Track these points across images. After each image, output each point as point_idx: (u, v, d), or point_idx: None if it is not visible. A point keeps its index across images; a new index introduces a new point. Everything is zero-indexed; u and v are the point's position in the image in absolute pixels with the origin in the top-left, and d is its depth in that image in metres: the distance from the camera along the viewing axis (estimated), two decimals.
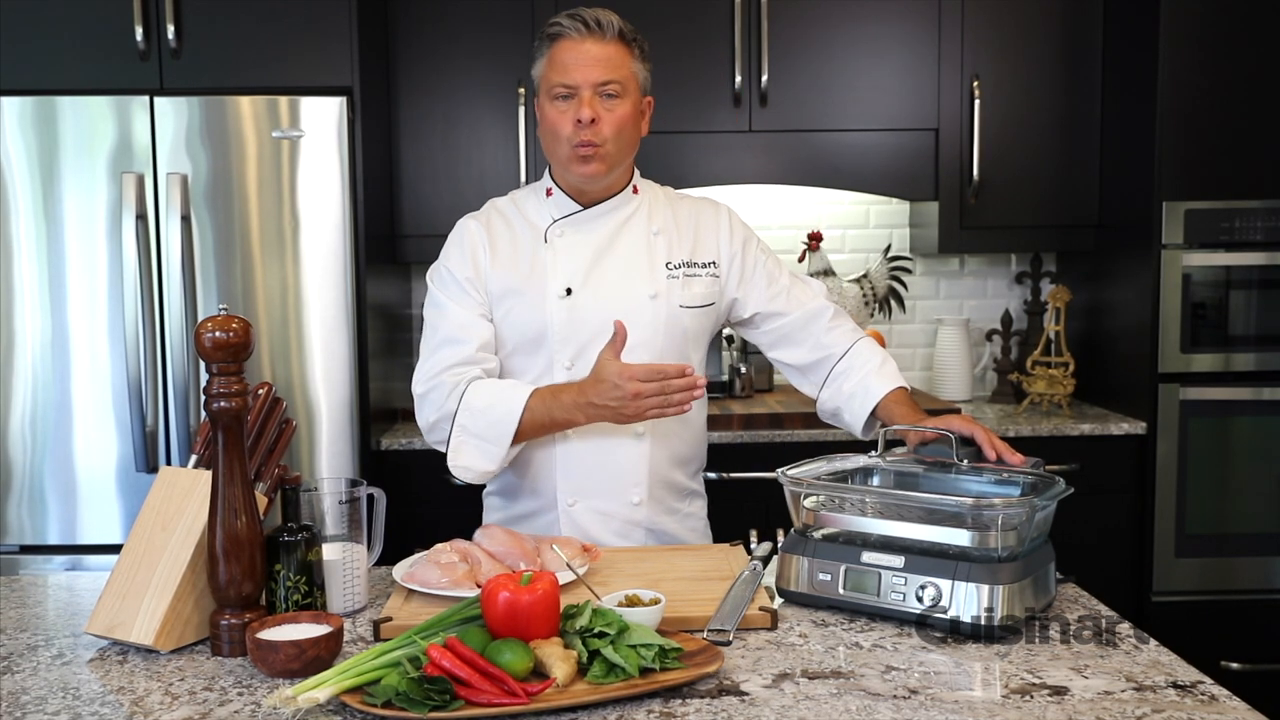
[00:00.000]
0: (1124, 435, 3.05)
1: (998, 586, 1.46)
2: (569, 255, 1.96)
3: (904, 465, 1.76)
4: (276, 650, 1.35)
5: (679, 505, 2.05)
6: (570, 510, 1.96)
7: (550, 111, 1.90)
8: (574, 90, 1.87)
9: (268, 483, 1.59)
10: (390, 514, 1.77)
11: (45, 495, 2.85)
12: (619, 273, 1.96)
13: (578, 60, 1.87)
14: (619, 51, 1.90)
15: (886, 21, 3.23)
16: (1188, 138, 2.99)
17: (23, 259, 2.82)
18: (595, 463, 1.95)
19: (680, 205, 2.07)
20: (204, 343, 1.45)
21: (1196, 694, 1.30)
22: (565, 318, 1.93)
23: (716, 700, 1.29)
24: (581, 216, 1.98)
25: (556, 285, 1.94)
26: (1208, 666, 1.50)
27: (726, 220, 2.07)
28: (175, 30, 2.83)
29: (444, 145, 3.23)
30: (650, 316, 1.95)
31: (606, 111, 1.88)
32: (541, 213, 2.00)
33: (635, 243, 1.99)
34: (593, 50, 1.87)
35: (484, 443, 1.86)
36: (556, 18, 1.91)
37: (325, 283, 2.85)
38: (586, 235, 1.97)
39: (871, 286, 3.38)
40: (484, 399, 1.87)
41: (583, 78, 1.87)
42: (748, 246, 2.06)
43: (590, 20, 1.88)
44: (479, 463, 1.87)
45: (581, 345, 1.93)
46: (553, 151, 1.94)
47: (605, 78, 1.87)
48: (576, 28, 1.88)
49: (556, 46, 1.89)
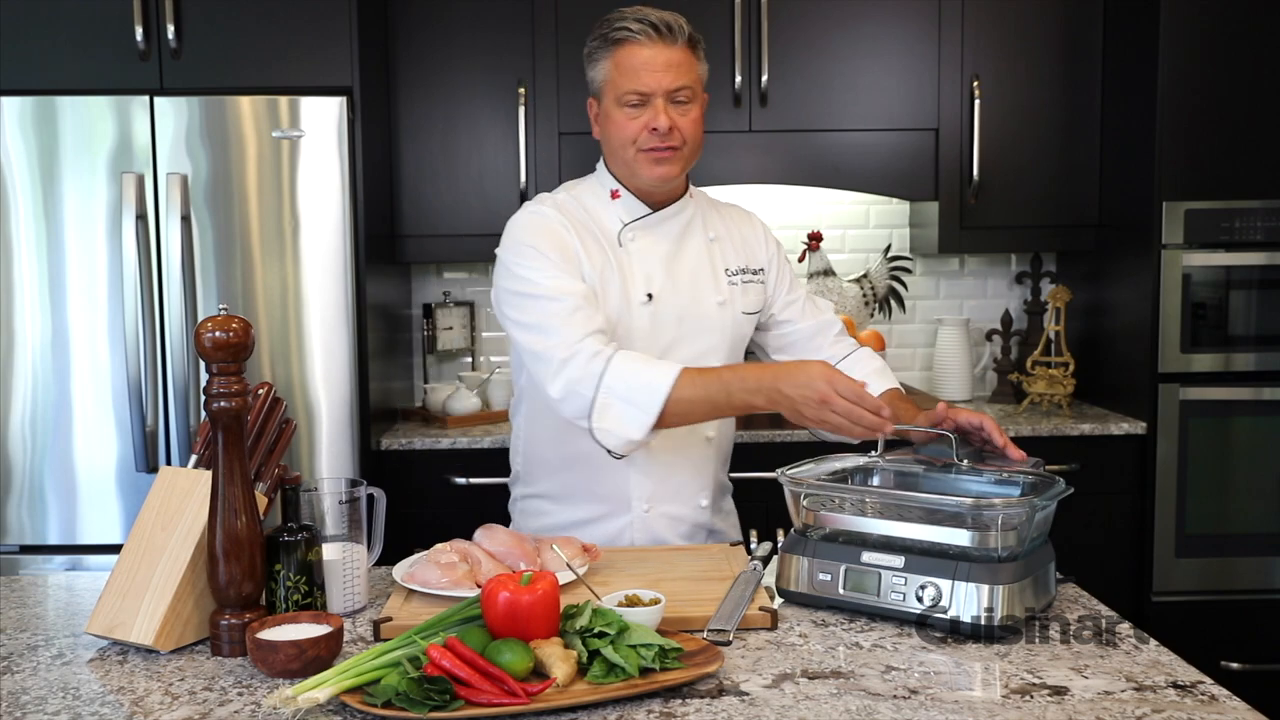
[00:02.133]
0: (1124, 435, 3.05)
1: (998, 586, 1.46)
2: (644, 259, 1.93)
3: (904, 465, 1.76)
4: (276, 650, 1.35)
5: (724, 503, 2.08)
6: (645, 515, 1.95)
7: (619, 117, 1.86)
8: (647, 98, 1.84)
9: (268, 483, 1.59)
10: (390, 514, 1.77)
11: (45, 495, 2.85)
12: (689, 278, 1.95)
13: (649, 66, 1.83)
14: (687, 55, 1.87)
15: (886, 21, 3.23)
16: (1188, 138, 2.99)
17: (23, 259, 2.82)
18: (670, 467, 1.94)
19: (723, 212, 2.07)
20: (204, 343, 1.45)
21: (1196, 694, 1.30)
22: (647, 324, 1.90)
23: (716, 700, 1.29)
24: (651, 220, 1.94)
25: (637, 290, 1.90)
26: (1208, 666, 1.50)
27: (763, 228, 2.11)
28: (175, 30, 2.83)
29: (444, 145, 3.23)
30: (719, 323, 1.96)
31: (680, 116, 1.85)
32: (609, 214, 1.95)
33: (698, 248, 1.98)
34: (664, 56, 1.84)
35: (631, 408, 1.74)
36: (620, 20, 1.86)
37: (325, 283, 2.85)
38: (656, 239, 1.94)
39: (871, 286, 3.38)
40: (634, 364, 1.76)
41: (656, 85, 1.83)
42: (780, 255, 2.09)
43: (660, 25, 1.84)
44: (623, 429, 1.75)
45: (662, 350, 1.90)
46: (620, 155, 1.90)
47: (678, 84, 1.84)
48: (646, 32, 1.83)
49: (623, 51, 1.85)
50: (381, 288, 3.10)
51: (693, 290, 1.95)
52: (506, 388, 3.30)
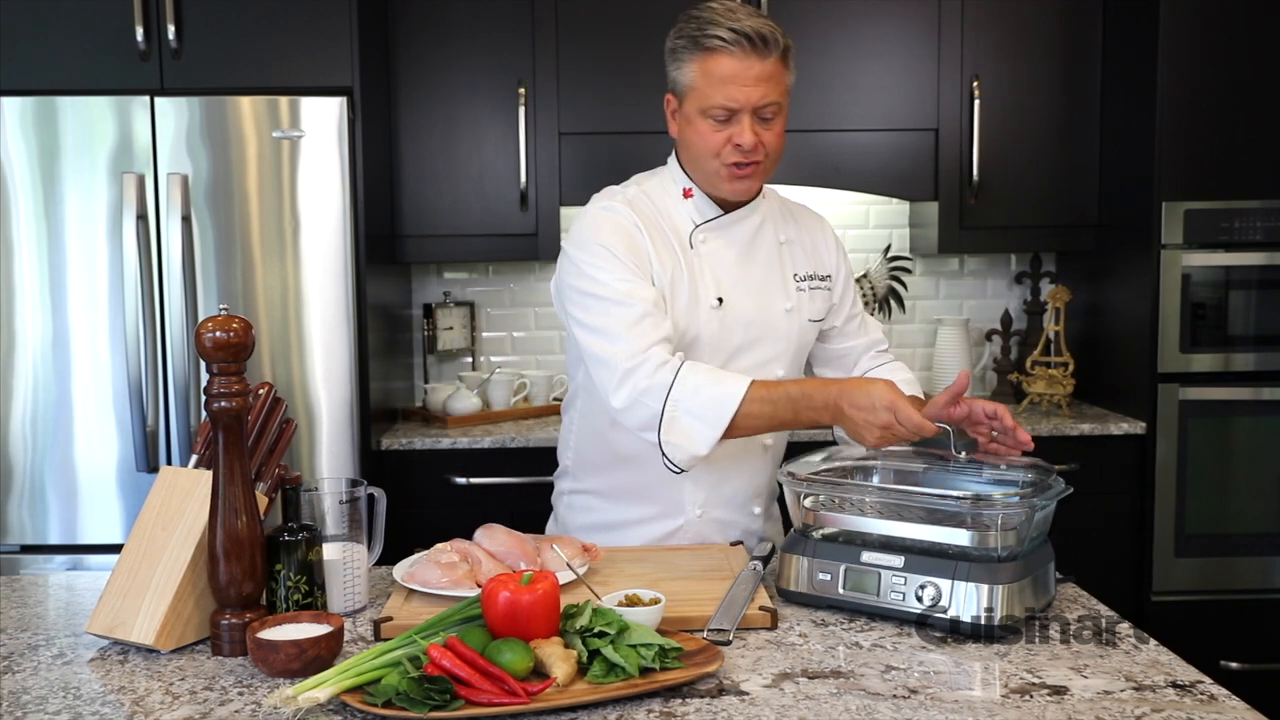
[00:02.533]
0: (1124, 435, 3.05)
1: (997, 586, 1.46)
2: (715, 262, 1.88)
3: (904, 464, 1.76)
4: (277, 650, 1.35)
5: (774, 509, 2.06)
6: (698, 520, 1.93)
7: (702, 127, 1.79)
8: (735, 113, 1.77)
9: (268, 483, 1.59)
10: (390, 514, 1.77)
11: (46, 495, 2.85)
12: (759, 283, 1.91)
13: (739, 80, 1.74)
14: (778, 68, 1.77)
15: (886, 21, 3.23)
16: (1188, 138, 2.99)
17: (23, 259, 2.82)
18: (726, 473, 1.92)
19: (795, 214, 2.02)
20: (204, 343, 1.45)
21: (1196, 693, 1.31)
22: (716, 328, 1.87)
23: (716, 700, 1.29)
24: (723, 221, 1.89)
25: (707, 294, 1.86)
26: (1207, 666, 1.49)
27: (832, 233, 2.06)
28: (176, 30, 2.83)
29: (444, 145, 3.23)
30: (786, 330, 1.93)
31: (765, 132, 1.79)
32: (681, 213, 1.89)
33: (769, 252, 1.93)
34: (755, 69, 1.75)
35: (699, 422, 1.70)
36: (713, 25, 1.76)
37: (325, 283, 2.85)
38: (728, 242, 1.90)
39: (871, 286, 3.38)
40: (703, 377, 1.72)
41: (745, 100, 1.75)
42: (847, 264, 2.05)
43: (755, 36, 1.74)
44: (690, 444, 1.70)
45: (728, 355, 1.88)
46: (699, 165, 1.84)
47: (767, 100, 1.77)
48: (740, 44, 1.73)
49: (713, 60, 1.75)
50: (381, 288, 3.10)
51: (762, 296, 1.90)
52: (506, 388, 3.31)
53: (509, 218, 3.23)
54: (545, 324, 3.62)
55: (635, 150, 3.19)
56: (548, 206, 3.21)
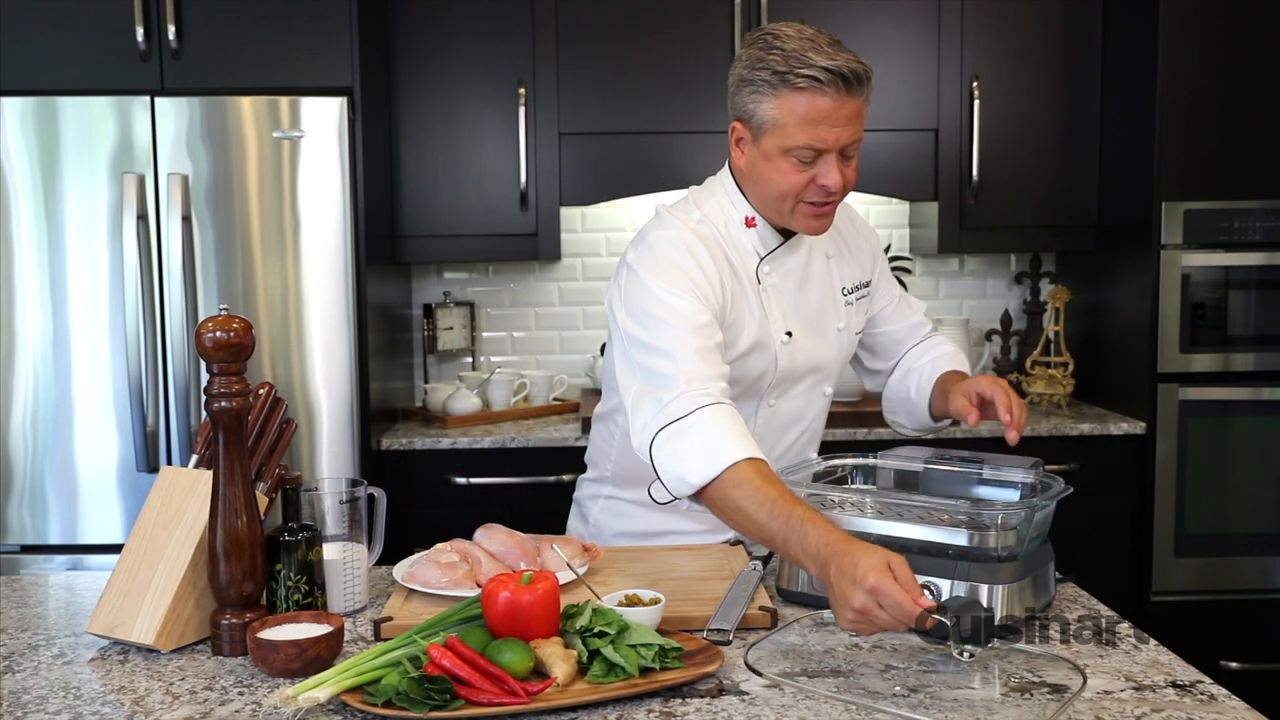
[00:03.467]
0: (1123, 435, 3.05)
1: (997, 586, 1.46)
2: (779, 295, 1.84)
3: (904, 464, 1.76)
4: (277, 650, 1.35)
5: None
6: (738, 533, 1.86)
7: (784, 166, 1.69)
8: (821, 153, 1.68)
9: (268, 483, 1.59)
10: (390, 514, 1.77)
11: (46, 495, 2.85)
12: (816, 308, 1.88)
13: (830, 121, 1.65)
14: (862, 106, 1.69)
15: (886, 22, 3.23)
16: (1188, 138, 2.99)
17: (23, 259, 2.82)
18: None
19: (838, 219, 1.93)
20: (204, 343, 1.45)
21: (1196, 693, 1.31)
22: (788, 362, 1.84)
23: (716, 700, 1.29)
24: (783, 250, 1.84)
25: (778, 329, 1.82)
26: (1207, 666, 1.50)
27: (867, 228, 2.01)
28: (176, 30, 2.83)
29: (444, 145, 3.23)
30: (838, 348, 1.91)
31: (846, 168, 1.71)
32: (746, 244, 1.81)
33: (821, 272, 1.89)
34: (846, 110, 1.66)
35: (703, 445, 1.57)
36: (804, 64, 1.64)
37: (325, 283, 2.85)
38: (788, 270, 1.85)
39: None
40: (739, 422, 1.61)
41: (835, 141, 1.67)
42: (882, 255, 2.03)
43: (850, 76, 1.64)
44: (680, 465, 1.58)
45: (789, 385, 1.87)
46: (772, 202, 1.75)
47: (853, 139, 1.69)
48: (835, 84, 1.64)
49: (804, 99, 1.64)
50: (381, 288, 3.10)
51: (819, 320, 1.88)
52: (507, 388, 3.31)
53: (509, 218, 3.23)
54: (545, 324, 3.62)
55: (635, 150, 3.20)
56: (548, 206, 3.21)
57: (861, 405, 3.14)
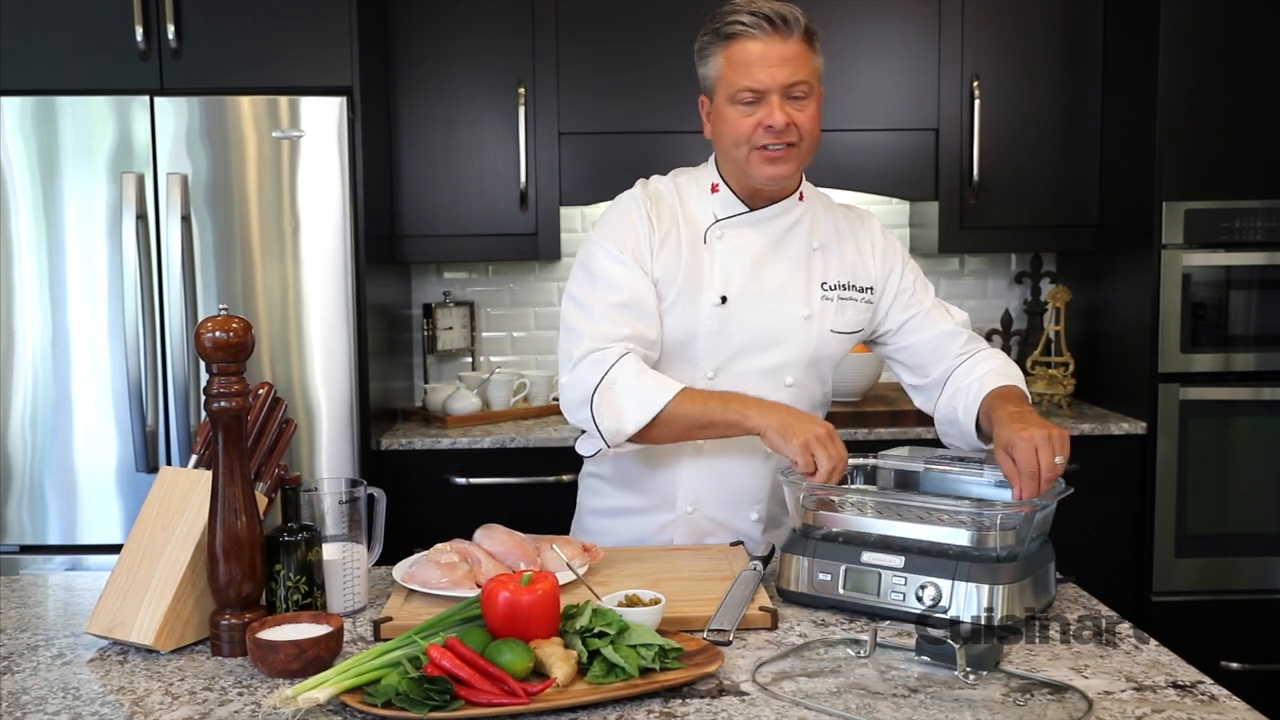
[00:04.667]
0: (1124, 435, 3.05)
1: (998, 586, 1.46)
2: (727, 260, 1.86)
3: (904, 464, 1.76)
4: (276, 650, 1.35)
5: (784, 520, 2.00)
6: (689, 516, 1.92)
7: (731, 115, 1.79)
8: (761, 95, 1.76)
9: (268, 483, 1.59)
10: (390, 514, 1.77)
11: (45, 495, 2.85)
12: (776, 286, 1.87)
13: (764, 62, 1.75)
14: (802, 48, 1.78)
15: (886, 21, 3.23)
16: (1188, 138, 2.99)
17: (23, 259, 2.82)
18: (722, 474, 1.91)
19: (841, 218, 1.97)
20: (204, 343, 1.45)
21: (1196, 694, 1.30)
22: (717, 326, 1.85)
23: (716, 700, 1.29)
24: (746, 219, 1.88)
25: (712, 291, 1.85)
26: (1207, 666, 1.49)
27: (883, 239, 1.98)
28: (175, 30, 2.83)
29: (444, 145, 3.23)
30: (801, 338, 1.88)
31: (796, 112, 1.77)
32: (704, 208, 1.89)
33: (796, 256, 1.90)
34: (779, 50, 1.75)
35: (631, 400, 1.74)
36: (732, 14, 1.77)
37: (325, 283, 2.85)
38: (748, 240, 1.87)
39: None
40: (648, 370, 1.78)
41: (771, 80, 1.75)
42: (900, 267, 1.97)
43: (775, 17, 1.75)
44: (617, 420, 1.74)
45: (728, 357, 1.86)
46: (732, 155, 1.82)
47: (794, 79, 1.76)
48: (760, 25, 1.75)
49: (736, 46, 1.77)
50: (381, 288, 3.10)
51: (777, 300, 1.87)
52: (506, 388, 3.30)
53: (509, 218, 3.23)
54: (545, 324, 3.61)
55: (635, 150, 3.20)
56: (548, 206, 3.21)
57: (861, 405, 3.14)
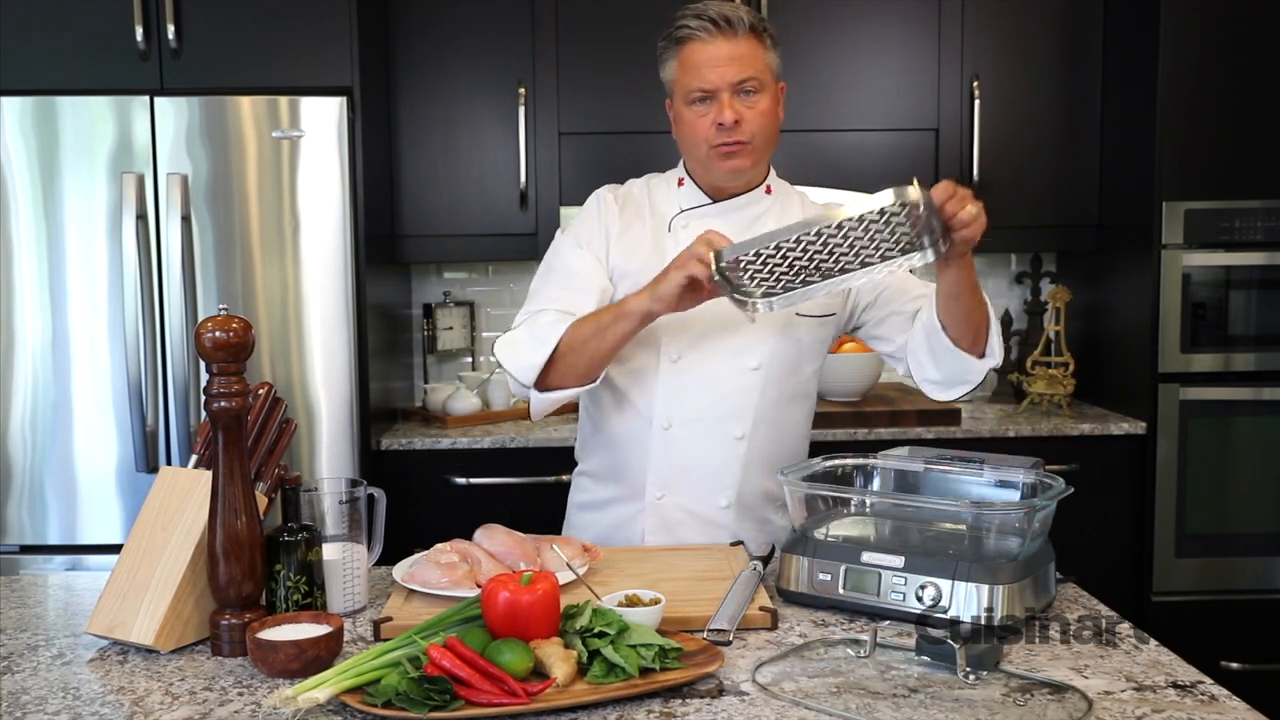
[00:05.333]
0: (1124, 435, 3.05)
1: (998, 586, 1.46)
2: None
3: (904, 464, 1.76)
4: (276, 650, 1.35)
5: (771, 516, 1.99)
6: (658, 503, 1.94)
7: (688, 115, 1.87)
8: (711, 93, 1.83)
9: (268, 483, 1.59)
10: (390, 514, 1.77)
11: (45, 495, 2.85)
12: None
13: (711, 61, 1.82)
14: (751, 46, 1.84)
15: (886, 21, 3.23)
16: (1188, 138, 2.99)
17: (23, 259, 2.82)
18: (690, 459, 1.92)
19: (813, 211, 2.00)
20: (204, 343, 1.45)
21: (1196, 694, 1.30)
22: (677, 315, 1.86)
23: (716, 700, 1.29)
24: (710, 209, 1.94)
25: None
26: (1208, 666, 1.49)
27: None
28: (175, 30, 2.83)
29: (444, 145, 3.23)
30: (762, 321, 1.91)
31: (747, 109, 1.84)
32: (670, 201, 1.97)
33: None
34: (725, 49, 1.82)
35: (533, 339, 1.85)
36: (682, 18, 1.86)
37: (325, 283, 2.85)
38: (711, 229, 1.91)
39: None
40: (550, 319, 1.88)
41: (720, 79, 1.82)
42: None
43: (719, 18, 1.82)
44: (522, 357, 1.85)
45: (690, 341, 1.90)
46: (692, 153, 1.91)
47: (741, 76, 1.82)
48: (705, 28, 1.82)
49: (686, 49, 1.85)
50: (381, 288, 3.10)
51: None
52: (506, 388, 3.30)
53: (509, 218, 3.23)
54: None
55: (635, 150, 3.20)
56: (548, 206, 3.21)
57: (861, 405, 3.14)
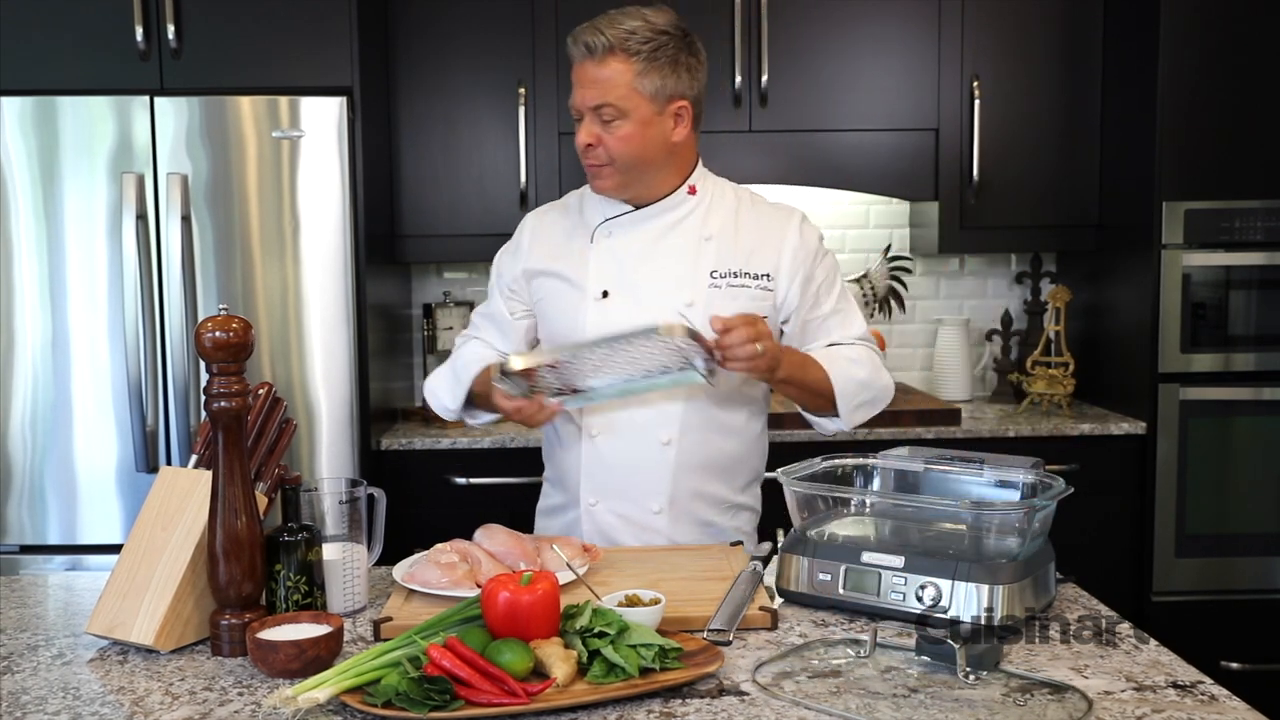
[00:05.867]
0: (1124, 435, 3.05)
1: (998, 586, 1.46)
2: (611, 256, 1.93)
3: (904, 464, 1.76)
4: (276, 650, 1.35)
5: (715, 519, 1.98)
6: (592, 510, 1.95)
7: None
8: (580, 114, 1.87)
9: (268, 483, 1.59)
10: (390, 514, 1.77)
11: (45, 495, 2.85)
12: (658, 278, 1.91)
13: (579, 83, 1.85)
14: (615, 69, 1.81)
15: (886, 21, 3.23)
16: (1188, 138, 2.99)
17: (23, 259, 2.82)
18: (618, 465, 1.93)
19: (749, 210, 1.97)
20: (204, 343, 1.45)
21: (1196, 694, 1.30)
22: (599, 320, 1.89)
23: (716, 700, 1.29)
24: (631, 218, 1.94)
25: (594, 286, 1.92)
26: (1208, 666, 1.49)
27: (796, 232, 1.95)
28: (175, 30, 2.83)
29: (444, 145, 3.23)
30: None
31: (606, 134, 1.84)
32: (595, 210, 1.98)
33: (682, 247, 1.92)
34: (589, 72, 1.83)
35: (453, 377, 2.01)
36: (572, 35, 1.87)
37: (325, 283, 2.85)
38: (633, 237, 1.93)
39: (871, 286, 3.38)
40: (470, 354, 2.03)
41: (581, 102, 1.85)
42: (811, 263, 1.94)
43: (589, 42, 1.83)
44: (442, 396, 2.03)
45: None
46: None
47: (597, 101, 1.83)
48: (578, 50, 1.84)
49: (573, 68, 1.87)
50: (381, 288, 3.10)
51: (660, 291, 1.90)
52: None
53: (509, 218, 3.19)
54: None
55: None
56: None
57: None
